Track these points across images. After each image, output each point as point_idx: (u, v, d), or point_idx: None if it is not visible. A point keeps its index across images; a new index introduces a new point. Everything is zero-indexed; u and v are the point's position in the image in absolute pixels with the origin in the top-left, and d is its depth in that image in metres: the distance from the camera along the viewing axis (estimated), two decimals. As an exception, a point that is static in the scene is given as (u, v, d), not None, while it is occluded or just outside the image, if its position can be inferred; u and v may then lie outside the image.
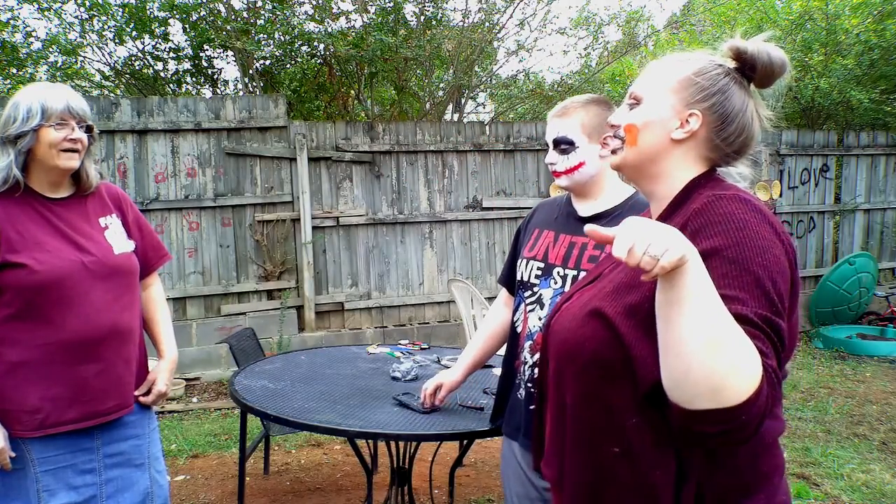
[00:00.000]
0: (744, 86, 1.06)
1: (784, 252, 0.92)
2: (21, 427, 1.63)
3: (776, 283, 0.88)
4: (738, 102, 1.04)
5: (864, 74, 7.78)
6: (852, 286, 7.11)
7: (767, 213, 0.95)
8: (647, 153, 1.07)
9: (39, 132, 1.64)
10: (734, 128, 1.04)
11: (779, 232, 0.93)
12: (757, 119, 1.06)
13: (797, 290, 0.96)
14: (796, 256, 0.94)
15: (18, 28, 6.72)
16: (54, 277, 1.63)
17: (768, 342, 0.85)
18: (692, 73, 1.05)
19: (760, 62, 1.03)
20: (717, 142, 1.04)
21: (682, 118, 1.05)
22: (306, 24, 6.82)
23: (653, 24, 10.66)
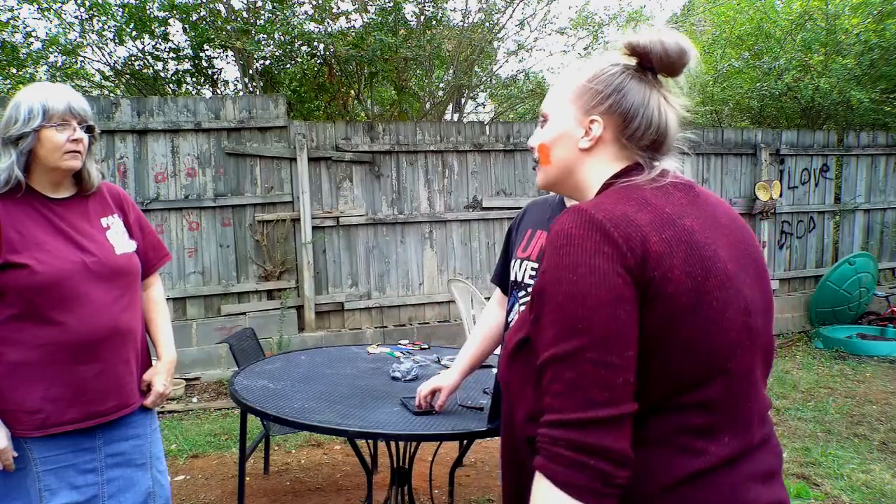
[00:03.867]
0: (646, 79, 1.02)
1: (616, 257, 0.87)
2: (22, 427, 1.63)
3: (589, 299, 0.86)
4: (638, 97, 1.01)
5: (864, 74, 7.79)
6: (852, 286, 7.11)
7: (606, 221, 0.89)
8: (563, 168, 1.07)
9: (41, 133, 1.64)
10: (638, 123, 1.01)
11: (616, 241, 0.88)
12: (667, 109, 1.02)
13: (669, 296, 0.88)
14: (648, 251, 0.88)
15: (18, 28, 6.73)
16: (56, 278, 1.63)
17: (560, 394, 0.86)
18: (586, 80, 1.04)
19: (654, 53, 0.99)
20: (624, 140, 1.02)
21: (585, 126, 1.03)
22: (306, 24, 6.82)
23: (653, 24, 10.67)
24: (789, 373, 5.72)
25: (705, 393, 0.91)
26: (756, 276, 0.99)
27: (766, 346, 1.00)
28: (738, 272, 0.95)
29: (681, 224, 0.93)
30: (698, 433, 0.91)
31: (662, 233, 0.90)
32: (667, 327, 0.88)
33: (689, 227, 0.93)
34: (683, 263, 0.89)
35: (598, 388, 0.84)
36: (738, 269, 0.95)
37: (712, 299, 0.89)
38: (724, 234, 0.97)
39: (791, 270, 7.51)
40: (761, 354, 0.99)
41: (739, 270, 0.95)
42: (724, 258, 0.93)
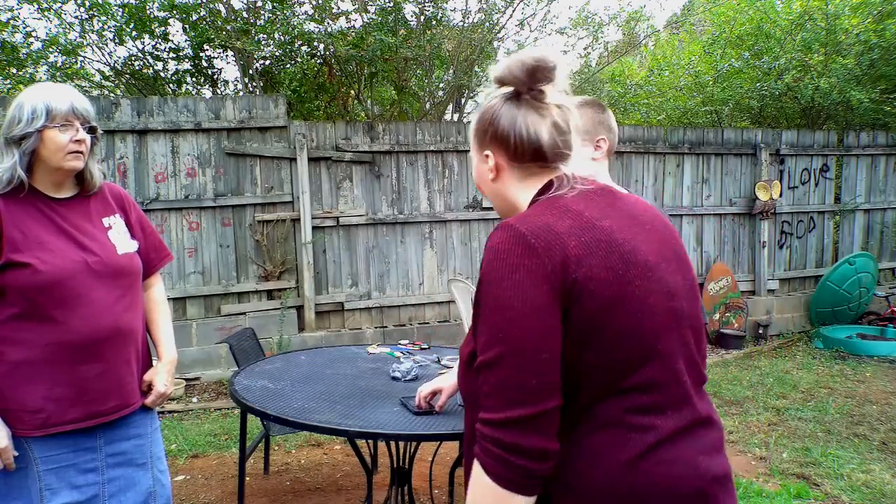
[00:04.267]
0: (517, 101, 1.12)
1: (540, 269, 0.97)
2: (23, 426, 1.63)
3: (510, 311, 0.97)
4: (508, 120, 1.11)
5: (864, 74, 7.79)
6: (852, 286, 7.11)
7: (528, 233, 1.00)
8: (494, 199, 1.20)
9: (44, 133, 1.64)
10: (514, 141, 1.11)
11: (538, 252, 0.98)
12: (538, 121, 1.10)
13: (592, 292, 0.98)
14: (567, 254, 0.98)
15: (18, 28, 6.72)
16: (58, 277, 1.63)
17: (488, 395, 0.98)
18: (476, 123, 1.17)
19: (507, 78, 1.11)
20: (515, 161, 1.13)
21: (485, 161, 1.16)
22: (306, 24, 6.82)
23: (653, 24, 10.68)
24: (789, 373, 5.72)
25: (643, 375, 1.01)
26: (678, 265, 1.10)
27: (695, 326, 1.10)
28: (659, 262, 1.05)
29: (600, 225, 1.03)
30: (645, 411, 1.01)
31: (581, 236, 1.00)
32: (596, 320, 0.98)
33: (609, 228, 1.04)
34: (603, 261, 0.99)
35: (514, 391, 0.96)
36: (660, 259, 1.06)
37: (634, 288, 1.00)
38: (643, 230, 1.08)
39: (791, 270, 7.51)
40: (692, 334, 1.09)
41: (661, 260, 1.06)
42: (644, 251, 1.04)
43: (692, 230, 7.05)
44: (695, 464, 1.02)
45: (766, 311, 7.28)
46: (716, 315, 6.85)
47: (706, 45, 9.19)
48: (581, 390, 1.00)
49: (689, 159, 7.00)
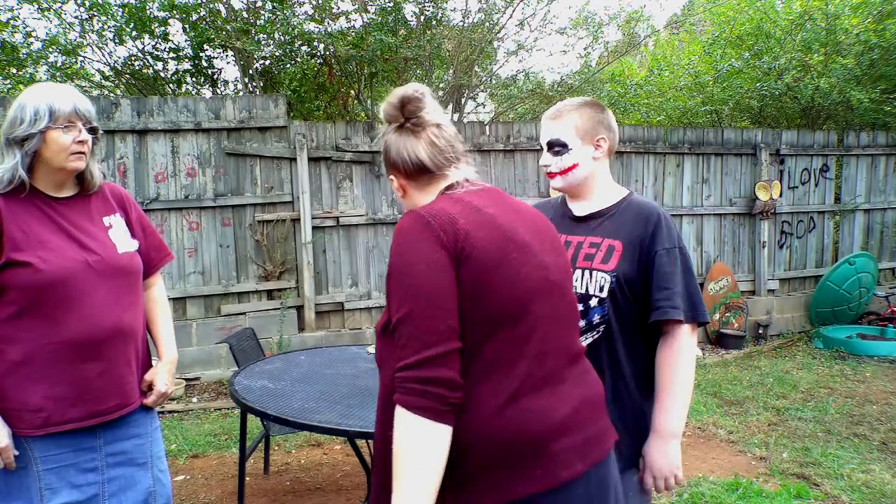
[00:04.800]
0: (400, 130, 1.36)
1: (437, 239, 1.18)
2: (24, 426, 1.63)
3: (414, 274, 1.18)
4: (394, 149, 1.36)
5: (864, 74, 7.79)
6: (852, 286, 7.11)
7: (426, 215, 1.22)
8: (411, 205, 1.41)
9: (47, 134, 1.64)
10: (402, 164, 1.35)
11: (434, 227, 1.19)
12: (415, 144, 1.34)
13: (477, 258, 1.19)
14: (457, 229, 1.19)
15: (18, 28, 6.72)
16: (59, 276, 1.63)
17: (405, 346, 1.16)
18: (383, 154, 1.42)
19: (387, 117, 1.38)
20: (409, 178, 1.37)
21: (392, 184, 1.42)
22: (306, 24, 6.82)
23: (653, 24, 10.68)
24: (789, 373, 5.72)
25: (514, 330, 1.21)
26: (552, 249, 1.34)
27: (568, 300, 1.33)
28: (535, 243, 1.29)
29: (485, 211, 1.27)
30: (511, 363, 1.20)
31: (469, 217, 1.23)
32: (479, 280, 1.18)
33: (492, 213, 1.27)
34: (487, 235, 1.22)
35: (427, 334, 1.15)
36: (536, 241, 1.30)
37: (512, 259, 1.23)
38: (523, 220, 1.32)
39: (791, 270, 7.51)
40: (564, 306, 1.31)
41: (536, 243, 1.30)
42: (521, 232, 1.28)
43: (692, 230, 7.05)
44: (550, 413, 1.21)
45: (766, 311, 7.28)
46: (716, 315, 6.85)
47: (706, 45, 9.19)
48: (469, 340, 1.18)
49: (689, 159, 7.00)
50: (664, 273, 1.63)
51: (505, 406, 1.18)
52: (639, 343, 1.69)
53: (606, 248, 1.69)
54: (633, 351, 1.68)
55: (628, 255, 1.66)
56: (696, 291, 1.66)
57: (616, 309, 1.65)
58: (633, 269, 1.65)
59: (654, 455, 1.64)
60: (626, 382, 1.67)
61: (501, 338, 1.20)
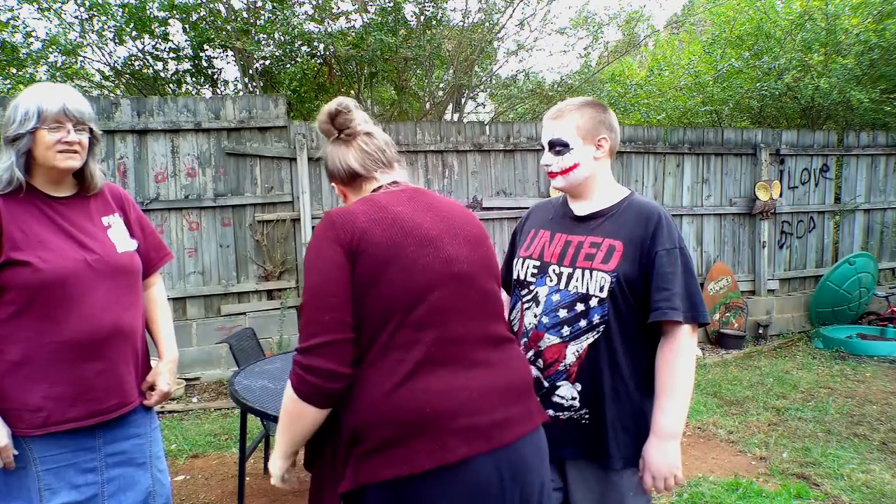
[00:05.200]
0: (336, 141, 1.49)
1: (335, 236, 1.31)
2: (23, 425, 1.63)
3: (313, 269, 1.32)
4: (330, 158, 1.50)
5: (864, 74, 7.79)
6: (852, 286, 7.11)
7: (334, 215, 1.34)
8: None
9: (36, 134, 1.65)
10: (337, 172, 1.49)
11: (337, 226, 1.32)
12: (345, 153, 1.47)
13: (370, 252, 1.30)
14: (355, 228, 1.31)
15: (18, 28, 6.73)
16: (58, 276, 1.63)
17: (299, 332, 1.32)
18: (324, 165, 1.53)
19: (321, 129, 1.50)
20: (345, 184, 1.50)
21: (334, 190, 1.58)
22: (306, 24, 6.82)
23: (652, 24, 10.68)
24: (789, 373, 5.72)
25: (409, 317, 1.30)
26: (468, 243, 1.42)
27: (483, 289, 1.41)
28: (441, 236, 1.38)
29: (391, 209, 1.37)
30: (405, 347, 1.29)
31: (370, 215, 1.34)
32: (373, 272, 1.29)
33: (398, 211, 1.37)
34: (383, 232, 1.32)
35: (313, 325, 1.28)
36: (445, 235, 1.38)
37: (407, 252, 1.32)
38: (436, 217, 1.41)
39: (791, 270, 7.51)
40: (476, 295, 1.39)
41: (446, 236, 1.38)
42: (427, 227, 1.37)
43: (692, 230, 7.05)
44: (448, 395, 1.29)
45: (766, 311, 7.28)
46: (716, 315, 6.85)
47: (706, 45, 9.19)
48: (364, 328, 1.29)
49: (689, 159, 7.00)
50: (664, 274, 1.63)
51: (398, 387, 1.27)
52: (639, 343, 1.69)
53: (607, 248, 1.69)
54: (633, 351, 1.68)
55: (629, 255, 1.66)
56: (696, 292, 1.66)
57: (616, 309, 1.65)
58: (634, 270, 1.65)
59: (653, 455, 1.64)
60: (625, 382, 1.67)
61: (395, 324, 1.29)
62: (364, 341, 1.30)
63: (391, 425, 1.26)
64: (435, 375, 1.29)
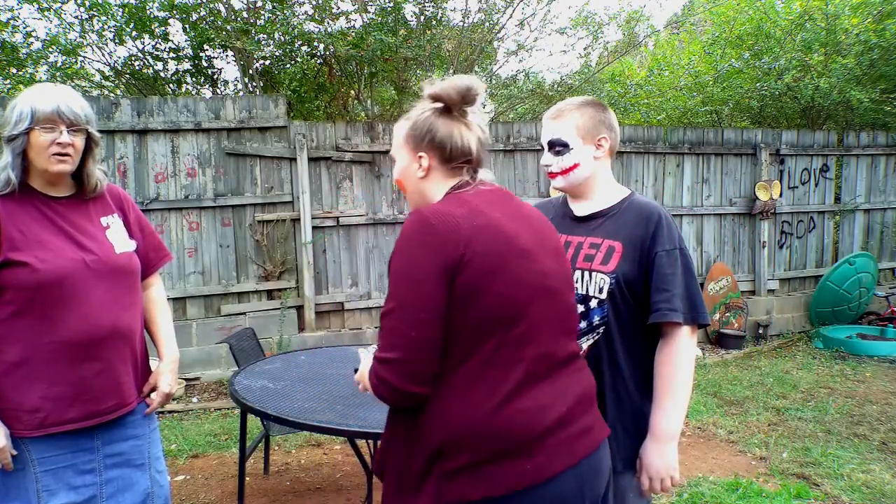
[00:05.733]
0: (450, 115, 1.37)
1: (436, 244, 1.21)
2: (21, 426, 1.63)
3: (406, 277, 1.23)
4: (446, 131, 1.36)
5: (864, 74, 7.78)
6: (852, 286, 7.11)
7: (431, 217, 1.24)
8: (415, 193, 1.42)
9: (30, 135, 1.64)
10: (450, 149, 1.36)
11: (438, 232, 1.22)
12: (468, 135, 1.37)
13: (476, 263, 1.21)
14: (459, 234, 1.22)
15: (18, 28, 6.72)
16: (56, 276, 1.63)
17: (381, 338, 1.26)
18: (409, 129, 1.40)
19: (445, 97, 1.35)
20: (446, 163, 1.37)
21: (417, 161, 1.39)
22: (306, 24, 6.82)
23: (652, 24, 10.68)
24: (789, 373, 5.72)
25: (511, 333, 1.24)
26: (555, 255, 1.37)
27: (568, 304, 1.38)
28: (536, 249, 1.32)
29: (490, 215, 1.28)
30: (507, 365, 1.24)
31: (473, 221, 1.25)
32: (477, 285, 1.21)
33: (497, 217, 1.29)
34: (487, 240, 1.24)
35: (396, 337, 1.22)
36: (538, 247, 1.32)
37: (511, 264, 1.26)
38: (526, 224, 1.35)
39: (791, 270, 7.51)
40: (564, 310, 1.35)
41: (538, 248, 1.33)
42: (524, 237, 1.30)
43: (692, 230, 7.05)
44: (544, 413, 1.25)
45: (766, 311, 7.28)
46: (716, 315, 6.85)
47: (706, 45, 9.19)
48: (459, 343, 1.22)
49: (689, 159, 7.00)
50: (664, 275, 1.62)
51: (501, 406, 1.22)
52: (639, 344, 1.68)
53: (606, 248, 1.68)
54: (633, 352, 1.68)
55: (628, 256, 1.65)
56: (696, 293, 1.65)
57: (615, 310, 1.65)
58: (634, 271, 1.64)
59: (650, 457, 1.64)
60: (625, 383, 1.66)
61: (497, 340, 1.23)
62: (458, 354, 1.23)
63: (487, 444, 1.21)
64: (531, 393, 1.25)
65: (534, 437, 1.23)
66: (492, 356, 1.23)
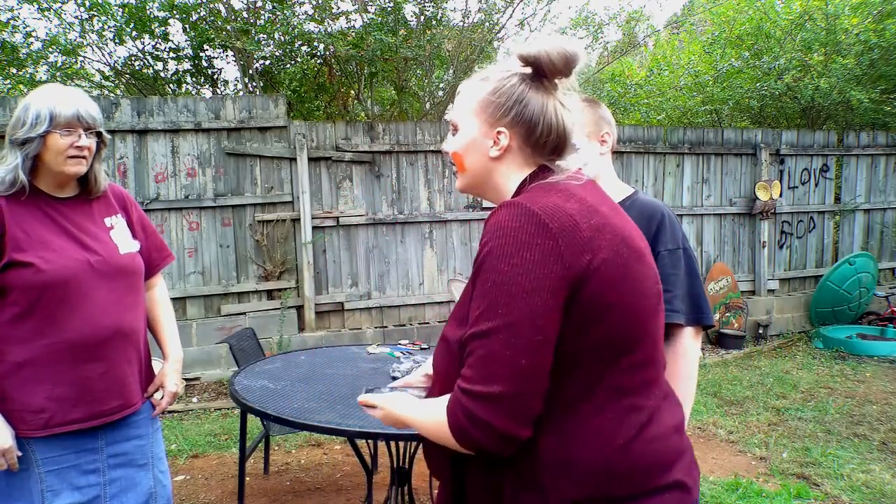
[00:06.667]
0: (542, 85, 1.10)
1: (553, 249, 0.96)
2: (26, 427, 1.63)
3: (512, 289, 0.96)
4: (538, 105, 1.09)
5: (864, 74, 7.78)
6: (852, 286, 7.11)
7: (541, 212, 0.99)
8: (477, 174, 1.15)
9: (47, 138, 1.64)
10: (542, 129, 1.09)
11: (552, 231, 0.97)
12: (563, 112, 1.10)
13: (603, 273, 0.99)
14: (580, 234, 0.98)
15: (18, 28, 6.72)
16: (60, 276, 1.63)
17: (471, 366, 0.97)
18: (489, 93, 1.11)
19: (543, 61, 1.07)
20: (531, 146, 1.11)
21: (493, 137, 1.11)
22: (306, 24, 6.82)
23: (652, 23, 10.69)
24: (789, 373, 5.72)
25: (637, 355, 1.03)
26: (649, 255, 1.13)
27: (661, 310, 1.15)
28: (646, 248, 1.10)
29: (601, 211, 1.04)
30: (635, 392, 1.03)
31: (590, 219, 1.01)
32: (604, 297, 0.98)
33: (607, 214, 1.05)
34: (610, 243, 1.00)
35: (501, 366, 0.95)
36: (645, 246, 1.10)
37: (633, 271, 1.03)
38: (626, 220, 1.11)
39: (791, 270, 7.51)
40: (661, 317, 1.14)
41: (645, 249, 1.10)
42: (635, 237, 1.07)
43: (692, 230, 7.05)
44: (668, 440, 1.07)
45: (766, 311, 7.28)
46: (716, 315, 6.85)
47: (706, 45, 9.19)
48: (580, 371, 1.00)
49: (689, 159, 7.00)
50: (666, 275, 1.60)
51: (633, 440, 1.01)
52: None
53: None
54: None
55: None
56: (700, 293, 1.63)
57: None
58: None
59: None
60: None
61: (624, 365, 1.02)
62: (578, 385, 1.00)
63: (623, 486, 1.00)
64: (657, 422, 1.06)
65: (660, 469, 1.04)
66: (623, 381, 1.02)
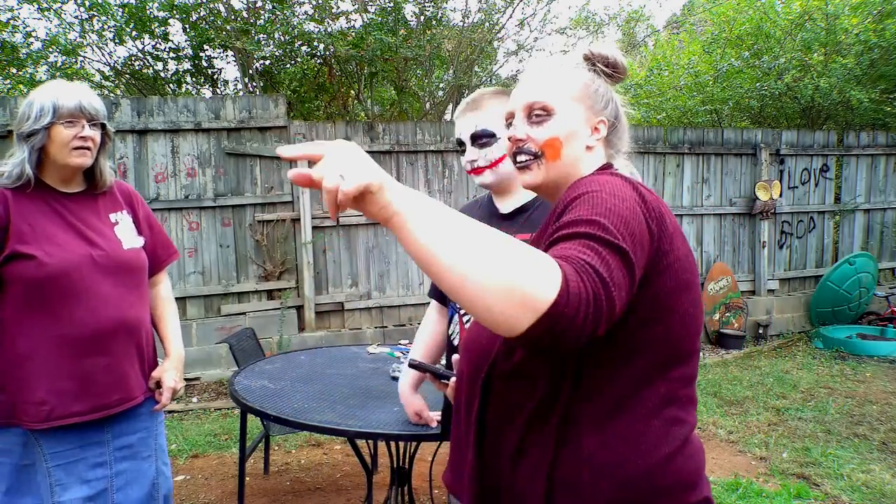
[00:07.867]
0: (612, 87, 1.14)
1: (645, 212, 0.92)
2: (28, 419, 1.64)
3: (625, 218, 0.87)
4: (619, 102, 1.13)
5: (864, 74, 7.79)
6: (852, 286, 7.11)
7: (639, 185, 0.97)
8: (567, 164, 1.08)
9: (51, 130, 1.66)
10: (621, 126, 1.13)
11: (646, 199, 0.94)
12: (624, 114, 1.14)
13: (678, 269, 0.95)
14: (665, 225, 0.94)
15: (18, 28, 6.72)
16: (63, 270, 1.64)
17: (596, 250, 0.81)
18: (587, 81, 1.09)
19: (620, 66, 1.11)
20: (614, 141, 1.12)
21: (592, 126, 1.09)
22: (306, 24, 6.83)
23: (652, 23, 10.69)
24: (789, 373, 5.72)
25: (687, 368, 1.00)
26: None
27: None
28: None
29: (667, 210, 0.98)
30: (681, 404, 1.00)
31: (672, 217, 0.98)
32: (671, 297, 0.94)
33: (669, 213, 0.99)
34: (683, 243, 0.97)
35: (619, 223, 0.86)
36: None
37: (695, 286, 0.99)
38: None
39: (791, 270, 7.51)
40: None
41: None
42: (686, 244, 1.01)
43: (692, 230, 7.05)
44: (700, 457, 1.05)
45: (766, 311, 7.28)
46: (716, 315, 6.85)
47: (706, 44, 9.19)
48: (633, 368, 0.94)
49: (689, 159, 7.00)
50: None
51: (676, 453, 0.99)
52: None
53: None
54: None
55: None
56: None
57: None
58: None
59: None
60: None
61: (674, 375, 0.98)
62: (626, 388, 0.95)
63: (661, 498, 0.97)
64: (694, 437, 1.05)
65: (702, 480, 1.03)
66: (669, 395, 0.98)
